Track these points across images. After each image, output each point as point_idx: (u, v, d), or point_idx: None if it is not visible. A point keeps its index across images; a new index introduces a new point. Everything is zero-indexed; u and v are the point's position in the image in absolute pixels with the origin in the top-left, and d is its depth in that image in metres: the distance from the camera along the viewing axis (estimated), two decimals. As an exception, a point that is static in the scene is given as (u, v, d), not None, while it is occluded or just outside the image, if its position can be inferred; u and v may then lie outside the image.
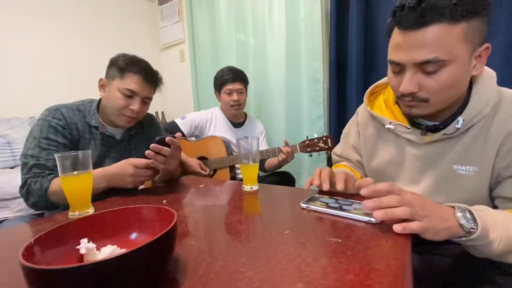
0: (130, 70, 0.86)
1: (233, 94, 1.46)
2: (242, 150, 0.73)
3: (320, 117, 1.63)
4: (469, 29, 0.49)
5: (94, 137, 0.89)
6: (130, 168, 0.74)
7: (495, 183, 0.58)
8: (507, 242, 0.43)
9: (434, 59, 0.50)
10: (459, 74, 0.52)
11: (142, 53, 0.95)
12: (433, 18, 0.49)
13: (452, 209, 0.45)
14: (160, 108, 2.50)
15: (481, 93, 0.57)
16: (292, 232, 0.45)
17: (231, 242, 0.43)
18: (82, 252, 0.34)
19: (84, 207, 0.60)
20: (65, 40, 1.94)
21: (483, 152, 0.57)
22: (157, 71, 0.95)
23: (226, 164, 1.43)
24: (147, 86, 0.90)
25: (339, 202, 0.56)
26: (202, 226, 0.51)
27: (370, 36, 1.44)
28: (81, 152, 0.60)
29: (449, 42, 0.50)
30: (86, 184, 0.61)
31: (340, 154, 0.89)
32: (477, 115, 0.56)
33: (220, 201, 0.69)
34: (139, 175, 0.75)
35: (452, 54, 0.50)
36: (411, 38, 0.52)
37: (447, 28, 0.49)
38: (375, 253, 0.37)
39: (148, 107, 0.96)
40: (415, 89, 0.55)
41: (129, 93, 0.86)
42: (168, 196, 0.73)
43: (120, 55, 0.89)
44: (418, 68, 0.53)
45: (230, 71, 1.48)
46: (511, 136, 0.54)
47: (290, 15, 1.67)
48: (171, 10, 2.39)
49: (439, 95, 0.54)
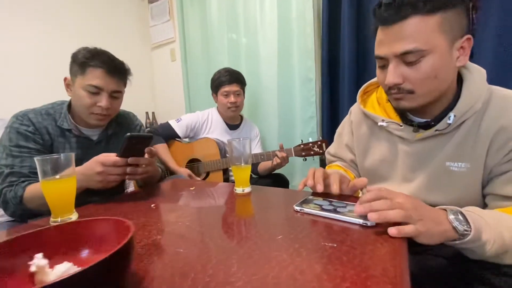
0: (91, 65, 0.80)
1: (230, 96, 1.44)
2: (234, 151, 0.71)
3: (313, 117, 1.62)
4: (444, 20, 0.52)
5: (68, 140, 0.85)
6: (97, 166, 0.66)
7: (487, 180, 0.58)
8: (500, 243, 0.43)
9: (413, 49, 0.53)
10: (439, 64, 0.54)
11: (132, 53, 0.92)
12: (408, 12, 0.52)
13: (444, 212, 0.45)
14: (151, 108, 2.45)
15: (472, 89, 0.57)
16: (285, 237, 0.43)
17: (221, 249, 0.41)
18: (32, 269, 0.31)
19: (66, 213, 0.57)
20: (49, 39, 1.87)
21: (474, 148, 0.57)
22: (123, 62, 0.89)
23: (220, 167, 1.41)
24: (112, 79, 0.84)
25: (333, 204, 0.55)
26: (191, 232, 0.48)
27: (362, 35, 1.43)
28: (63, 155, 0.57)
29: (426, 32, 0.52)
30: (69, 188, 0.58)
31: (334, 153, 0.88)
32: (468, 111, 0.56)
33: (211, 204, 0.66)
34: (108, 174, 0.67)
35: (430, 44, 0.52)
36: (391, 33, 0.55)
37: (423, 19, 0.52)
38: (372, 258, 0.35)
39: (120, 102, 0.91)
40: (399, 80, 0.57)
41: (94, 90, 0.81)
42: (156, 199, 0.70)
43: (80, 49, 0.83)
44: (400, 60, 0.56)
45: (227, 72, 1.45)
46: (501, 132, 0.54)
47: (282, 13, 1.65)
48: (161, 8, 2.35)
49: (423, 85, 0.56)
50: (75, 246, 0.37)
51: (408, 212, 0.42)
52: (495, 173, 0.55)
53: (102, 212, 0.61)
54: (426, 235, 0.41)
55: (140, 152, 0.72)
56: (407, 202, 0.44)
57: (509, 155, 0.53)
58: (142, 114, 2.32)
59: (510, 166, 0.53)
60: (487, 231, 0.43)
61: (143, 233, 0.48)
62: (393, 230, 0.41)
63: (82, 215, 0.59)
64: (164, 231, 0.49)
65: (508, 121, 0.53)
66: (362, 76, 1.44)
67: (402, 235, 0.40)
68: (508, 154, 0.53)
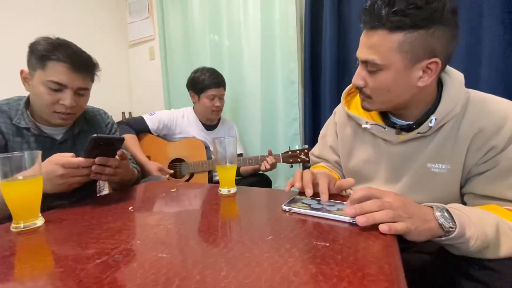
0: (53, 58, 0.71)
1: (215, 100, 1.41)
2: (219, 150, 0.68)
3: (296, 119, 1.63)
4: (406, 41, 0.53)
5: (26, 139, 0.76)
6: (57, 169, 0.60)
7: (466, 180, 0.60)
8: (482, 238, 0.44)
9: (371, 60, 0.56)
10: (392, 81, 0.56)
11: (108, 49, 0.85)
12: (375, 24, 0.54)
13: (431, 209, 0.46)
14: (127, 108, 2.34)
15: (451, 93, 0.59)
16: (276, 237, 0.41)
17: (208, 252, 0.38)
18: None
19: (30, 218, 0.51)
20: (11, 29, 1.72)
21: (454, 150, 0.59)
22: (90, 56, 0.80)
23: (205, 169, 1.37)
24: (78, 75, 0.75)
25: (321, 203, 0.54)
26: (174, 235, 0.45)
27: (342, 39, 1.47)
28: (28, 153, 0.51)
29: (385, 49, 0.54)
30: (34, 190, 0.52)
31: (318, 155, 0.88)
32: (448, 114, 0.58)
33: (194, 206, 0.63)
34: (69, 176, 0.62)
35: (387, 60, 0.55)
36: (364, 38, 0.58)
37: (386, 35, 0.53)
38: (366, 256, 0.35)
39: (87, 99, 0.82)
40: (361, 82, 0.61)
41: (56, 86, 0.73)
42: (134, 202, 0.65)
43: (39, 40, 0.74)
44: (364, 65, 0.59)
45: (213, 75, 1.41)
46: (479, 135, 0.56)
47: (265, 16, 1.65)
48: (140, 5, 2.26)
49: (378, 95, 0.60)
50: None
51: (396, 212, 0.42)
52: (473, 173, 0.58)
53: (72, 217, 0.56)
54: (415, 232, 0.42)
55: (109, 154, 0.67)
56: (396, 200, 0.44)
57: (486, 156, 0.55)
58: (118, 113, 2.20)
59: (487, 166, 0.55)
60: (471, 228, 0.44)
61: (120, 237, 0.44)
62: (384, 227, 0.40)
63: (49, 220, 0.53)
64: (144, 235, 0.45)
65: (485, 123, 0.55)
66: (343, 79, 1.47)
67: (393, 232, 0.40)
68: (485, 155, 0.55)
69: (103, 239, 0.44)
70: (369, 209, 0.43)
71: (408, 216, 0.42)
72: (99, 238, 0.44)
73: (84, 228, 0.49)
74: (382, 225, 0.41)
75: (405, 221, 0.41)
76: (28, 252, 0.42)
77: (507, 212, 0.51)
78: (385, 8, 0.52)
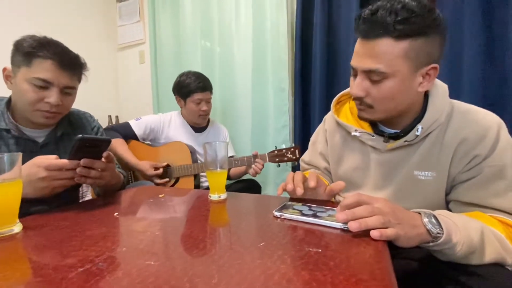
0: (39, 55, 0.70)
1: (202, 104, 1.39)
2: (209, 155, 0.67)
3: (286, 126, 1.65)
4: (411, 48, 0.54)
5: (6, 142, 0.73)
6: (40, 171, 0.58)
7: (451, 187, 0.62)
8: (468, 244, 0.45)
9: (376, 69, 0.55)
10: (398, 89, 0.56)
11: (97, 52, 0.84)
12: (380, 32, 0.54)
13: (419, 215, 0.46)
14: (114, 112, 2.28)
15: (437, 103, 0.61)
16: (268, 243, 0.40)
17: (198, 259, 0.37)
18: None
19: (7, 224, 0.48)
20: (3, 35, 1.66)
21: (439, 158, 0.61)
22: (78, 55, 0.79)
23: (191, 173, 1.34)
24: (65, 73, 0.74)
25: (312, 209, 0.54)
26: (162, 242, 0.43)
27: (332, 49, 1.51)
28: (8, 155, 0.48)
29: (392, 57, 0.54)
30: (12, 195, 0.49)
31: (308, 161, 0.89)
32: (434, 123, 0.60)
33: (183, 212, 0.61)
34: (53, 179, 0.59)
35: (393, 68, 0.55)
36: (364, 47, 0.57)
37: (392, 43, 0.54)
38: (358, 262, 0.35)
39: (73, 99, 0.80)
40: (361, 93, 0.60)
41: (41, 83, 0.71)
42: (119, 207, 0.63)
43: (25, 37, 0.72)
44: (366, 75, 0.58)
45: (199, 79, 1.40)
46: (463, 144, 0.58)
47: (257, 25, 1.68)
48: (131, 8, 2.24)
49: (381, 104, 0.59)
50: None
51: (387, 217, 0.42)
52: (458, 181, 0.59)
53: (52, 223, 0.53)
54: (404, 238, 0.42)
55: (95, 156, 0.64)
56: (385, 206, 0.44)
57: (470, 164, 0.57)
58: (105, 117, 2.15)
59: (471, 174, 0.57)
60: (457, 234, 0.45)
61: (105, 244, 0.42)
62: (376, 233, 0.41)
63: (27, 227, 0.50)
64: (130, 242, 0.43)
65: (469, 133, 0.58)
66: (332, 88, 1.51)
67: (384, 238, 0.41)
68: (469, 163, 0.57)
69: (86, 246, 0.41)
70: (360, 215, 0.43)
71: (398, 222, 0.43)
72: (81, 246, 0.42)
73: (65, 235, 0.47)
74: (373, 231, 0.41)
75: (395, 227, 0.42)
76: (4, 261, 0.39)
77: (490, 219, 0.52)
78: (390, 16, 0.52)
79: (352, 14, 1.36)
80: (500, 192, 0.54)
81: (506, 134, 0.57)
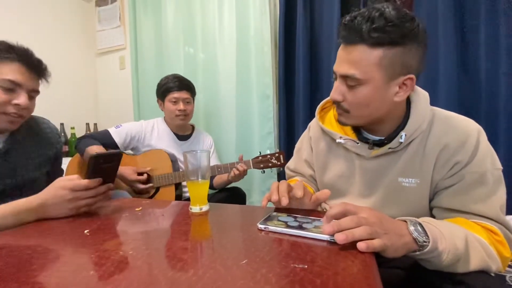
0: (7, 57, 0.70)
1: (179, 103, 1.35)
2: (190, 165, 0.64)
3: (270, 132, 1.64)
4: (385, 56, 0.54)
5: None
6: (66, 194, 0.59)
7: (434, 194, 0.62)
8: (454, 252, 0.45)
9: (351, 75, 0.56)
10: (372, 95, 0.57)
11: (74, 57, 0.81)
12: (356, 39, 0.54)
13: (405, 223, 0.46)
14: (93, 119, 2.18)
15: (419, 111, 0.62)
16: (251, 260, 0.38)
17: (175, 282, 0.33)
18: None
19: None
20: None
21: (422, 165, 0.61)
22: (41, 60, 0.79)
23: (172, 182, 1.29)
24: (32, 76, 0.74)
25: (298, 220, 0.52)
26: (136, 262, 0.40)
27: (315, 56, 1.53)
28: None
29: (366, 63, 0.55)
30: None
31: (294, 169, 0.87)
32: (417, 130, 0.61)
33: (161, 227, 0.57)
34: (80, 199, 0.61)
35: (367, 75, 0.55)
36: (343, 52, 0.58)
37: (367, 50, 0.54)
38: (345, 278, 0.33)
39: (35, 103, 0.80)
40: (339, 97, 0.60)
41: (10, 85, 0.70)
42: (91, 224, 0.58)
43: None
44: (343, 80, 0.59)
45: (176, 78, 1.37)
46: (445, 150, 0.59)
47: (240, 32, 1.67)
48: (111, 13, 2.18)
49: (356, 109, 0.60)
50: None
51: (373, 228, 0.41)
52: (440, 187, 0.60)
53: (12, 243, 0.47)
54: (391, 248, 0.41)
55: (112, 170, 0.65)
56: (371, 216, 0.43)
57: (452, 171, 0.58)
58: (82, 124, 2.05)
59: (453, 181, 0.58)
60: (443, 242, 0.44)
61: (69, 268, 0.38)
62: (362, 245, 0.39)
63: (-18, 249, 0.45)
64: (100, 264, 0.39)
65: (450, 140, 0.58)
66: (315, 94, 1.52)
67: (371, 250, 0.39)
68: (451, 169, 0.58)
69: (47, 270, 0.37)
70: (346, 226, 0.42)
71: (384, 232, 0.42)
72: (42, 270, 0.37)
73: (26, 257, 0.42)
74: (360, 243, 0.40)
75: (382, 237, 0.41)
76: None
77: (474, 225, 0.53)
78: (366, 24, 0.53)
79: (334, 21, 1.39)
80: (482, 198, 0.55)
81: (486, 141, 0.58)
